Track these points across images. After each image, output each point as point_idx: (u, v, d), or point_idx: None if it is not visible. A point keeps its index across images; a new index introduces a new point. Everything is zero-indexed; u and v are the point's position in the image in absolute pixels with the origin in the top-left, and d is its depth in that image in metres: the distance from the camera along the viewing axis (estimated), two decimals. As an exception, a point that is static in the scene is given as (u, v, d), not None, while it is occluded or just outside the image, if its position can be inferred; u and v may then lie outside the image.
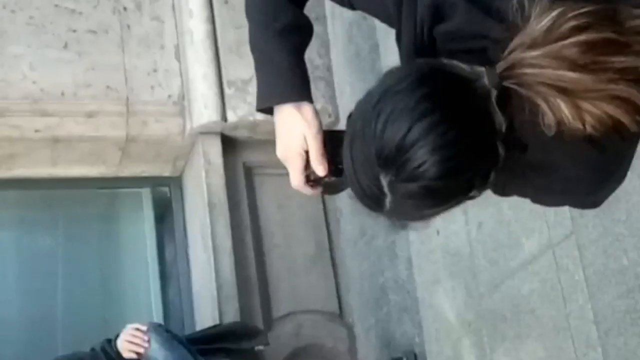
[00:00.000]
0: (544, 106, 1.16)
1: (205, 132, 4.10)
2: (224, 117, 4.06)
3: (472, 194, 1.24)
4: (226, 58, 4.14)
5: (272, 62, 1.45)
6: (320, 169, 1.39)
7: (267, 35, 1.46)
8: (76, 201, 4.46)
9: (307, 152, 1.40)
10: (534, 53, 1.16)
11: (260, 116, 4.03)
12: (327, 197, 4.21)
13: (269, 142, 4.53)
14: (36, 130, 3.94)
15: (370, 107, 1.21)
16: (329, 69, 4.14)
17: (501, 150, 1.21)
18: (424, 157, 1.16)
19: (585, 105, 1.15)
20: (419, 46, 1.31)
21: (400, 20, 1.33)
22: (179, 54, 4.18)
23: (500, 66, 1.19)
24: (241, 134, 4.18)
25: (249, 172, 4.25)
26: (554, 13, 1.16)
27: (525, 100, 1.18)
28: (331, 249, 4.22)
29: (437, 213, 1.26)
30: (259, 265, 4.09)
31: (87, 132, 4.01)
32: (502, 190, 1.37)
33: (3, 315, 4.17)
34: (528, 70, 1.16)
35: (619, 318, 2.38)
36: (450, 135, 1.17)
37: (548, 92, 1.15)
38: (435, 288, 3.24)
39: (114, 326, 3.65)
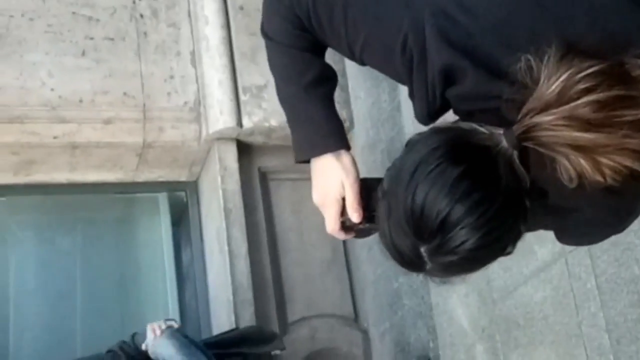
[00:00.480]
0: (565, 163, 1.19)
1: (220, 137, 4.14)
2: (240, 123, 4.10)
3: (507, 250, 1.28)
4: (241, 64, 4.18)
5: (307, 116, 1.49)
6: (355, 216, 1.42)
7: (297, 90, 1.50)
8: (94, 206, 4.50)
9: (343, 199, 1.43)
10: (548, 118, 1.18)
11: (275, 122, 4.11)
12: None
13: (284, 148, 4.62)
14: (54, 137, 3.98)
15: (405, 184, 1.24)
16: (343, 74, 4.16)
17: (528, 204, 1.25)
18: (466, 236, 1.20)
19: (604, 160, 1.17)
20: (431, 107, 1.35)
21: (412, 82, 1.35)
22: (194, 61, 4.22)
23: (517, 129, 1.21)
24: (256, 139, 4.21)
25: (264, 177, 4.29)
26: (564, 76, 1.17)
27: (545, 157, 1.21)
28: (346, 254, 4.25)
29: (476, 271, 1.29)
30: (275, 269, 4.12)
31: (105, 139, 4.06)
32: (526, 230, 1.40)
33: (23, 317, 4.23)
34: (545, 133, 1.19)
35: (630, 326, 2.40)
36: (491, 212, 1.20)
37: (567, 151, 1.18)
38: (449, 294, 3.26)
39: (131, 328, 3.69)
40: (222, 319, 4.04)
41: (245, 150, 4.23)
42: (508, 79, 1.23)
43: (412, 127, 3.51)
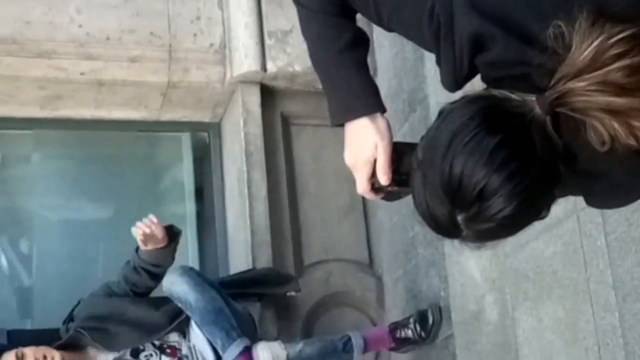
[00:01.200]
0: (598, 127, 1.20)
1: (244, 81, 4.17)
2: (264, 67, 4.13)
3: (542, 215, 1.31)
4: (268, 8, 4.19)
5: (342, 81, 1.51)
6: (384, 178, 1.46)
7: (331, 55, 1.52)
8: (118, 143, 4.56)
9: (374, 161, 1.47)
10: (582, 84, 1.19)
11: (299, 67, 4.14)
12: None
13: (307, 93, 4.64)
14: (81, 73, 4.03)
15: (441, 155, 1.25)
16: (368, 23, 4.16)
17: (561, 169, 1.27)
18: (504, 204, 1.22)
19: (637, 124, 1.19)
20: (458, 74, 1.36)
21: (439, 50, 1.37)
22: (221, 3, 4.23)
23: (550, 95, 1.23)
24: (280, 84, 4.24)
25: (286, 121, 4.32)
26: (596, 42, 1.18)
27: (579, 123, 1.23)
28: (364, 201, 4.28)
29: (511, 236, 1.32)
30: (293, 213, 4.18)
31: (130, 77, 4.10)
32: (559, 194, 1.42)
33: (45, 248, 4.32)
34: (578, 99, 1.20)
35: (636, 284, 2.44)
36: (527, 180, 1.23)
37: (601, 115, 1.19)
38: (463, 245, 3.30)
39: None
40: (240, 259, 4.12)
41: (268, 94, 4.26)
42: (538, 45, 1.25)
43: (434, 78, 3.52)
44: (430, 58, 3.55)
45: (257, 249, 4.01)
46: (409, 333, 3.62)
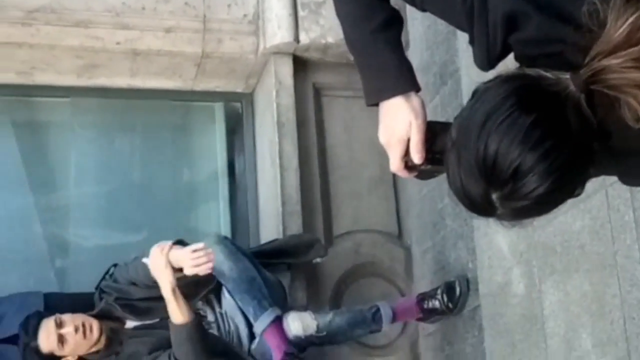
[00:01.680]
0: (633, 104, 1.21)
1: (277, 52, 4.20)
2: (297, 39, 4.15)
3: (577, 192, 1.32)
4: (301, -21, 4.21)
5: (376, 60, 1.52)
6: (417, 157, 1.47)
7: (365, 35, 1.53)
8: (153, 112, 4.62)
9: (408, 140, 1.48)
10: (617, 60, 1.20)
11: (331, 39, 4.16)
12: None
13: (339, 65, 4.65)
14: (117, 43, 4.08)
15: (476, 134, 1.26)
16: (402, -5, 4.17)
17: (596, 147, 1.28)
18: (538, 182, 1.23)
19: None
20: (492, 54, 1.37)
21: (472, 29, 1.38)
22: (255, -27, 4.25)
23: (585, 72, 1.24)
24: (312, 55, 4.27)
25: (318, 93, 4.35)
26: (631, 19, 1.19)
27: (613, 100, 1.23)
28: (394, 173, 4.30)
29: (546, 214, 1.33)
30: (323, 184, 4.22)
31: (165, 47, 4.14)
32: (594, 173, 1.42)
33: (82, 214, 4.40)
34: (613, 76, 1.21)
35: (663, 260, 2.46)
36: (562, 158, 1.23)
37: (636, 92, 1.20)
38: (497, 223, 3.31)
39: (183, 232, 3.83)
40: (270, 229, 4.17)
41: (301, 65, 4.29)
42: (573, 23, 1.25)
43: (466, 51, 3.52)
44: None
45: (288, 219, 4.05)
46: (437, 304, 3.66)
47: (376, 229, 4.23)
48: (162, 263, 3.24)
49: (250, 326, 3.44)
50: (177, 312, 3.26)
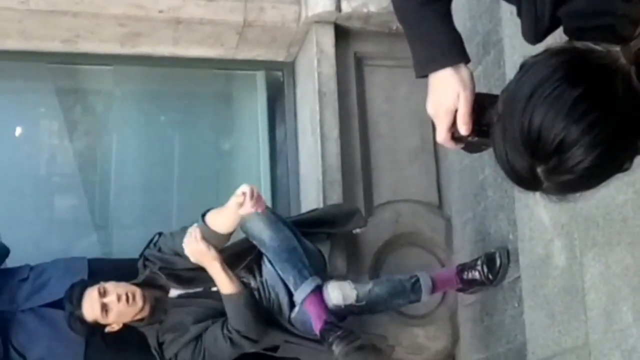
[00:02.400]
0: None
1: (319, 21, 4.20)
2: (339, 7, 4.14)
3: (625, 167, 1.30)
4: (344, -54, 4.18)
5: (426, 32, 1.52)
6: (464, 128, 1.47)
7: (415, 7, 1.53)
8: (194, 80, 4.65)
9: (456, 111, 1.47)
10: None
11: (373, 8, 4.14)
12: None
13: (381, 34, 4.63)
14: (160, 11, 4.11)
15: (521, 107, 1.26)
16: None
17: None
18: (583, 155, 1.22)
19: None
20: (540, 27, 1.36)
21: (520, 1, 1.38)
22: (298, -58, 4.24)
23: (635, 44, 1.22)
24: (354, 24, 4.25)
25: (359, 62, 4.34)
26: None
27: None
28: (435, 143, 4.27)
29: (592, 188, 1.32)
30: (364, 153, 4.22)
31: (207, 16, 4.16)
32: None
33: (123, 181, 4.46)
34: None
35: None
36: (607, 130, 1.22)
37: None
38: (544, 197, 3.30)
39: (224, 200, 3.86)
40: (311, 198, 4.19)
41: (342, 34, 4.28)
42: None
43: (510, 20, 3.50)
44: (506, 1, 3.53)
45: (328, 188, 4.07)
46: (476, 275, 3.66)
47: (416, 199, 4.23)
48: (201, 248, 3.34)
49: (290, 295, 3.47)
50: (229, 284, 3.37)
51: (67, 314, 3.43)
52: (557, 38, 1.37)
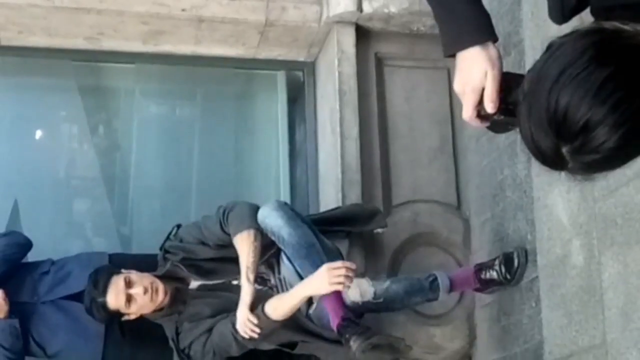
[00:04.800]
0: None
1: (340, 21, 4.22)
2: (360, 8, 4.16)
3: None
4: (366, -52, 4.21)
5: (454, 10, 1.53)
6: (490, 106, 1.47)
7: None
8: (215, 79, 4.69)
9: (483, 90, 1.48)
10: None
11: (394, 8, 4.16)
12: (454, 93, 4.29)
13: (402, 35, 4.63)
14: (182, 9, 4.14)
15: (548, 87, 1.26)
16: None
17: None
18: (608, 135, 1.22)
19: None
20: (567, 6, 1.37)
21: None
22: (322, -56, 4.26)
23: None
24: (375, 25, 4.27)
25: (380, 62, 4.35)
26: None
27: None
28: (454, 144, 4.30)
29: (617, 168, 1.31)
30: (383, 153, 4.23)
31: (229, 15, 4.19)
32: None
33: (143, 178, 4.50)
34: None
35: None
36: (632, 109, 1.22)
37: None
38: (551, 189, 3.31)
39: (242, 197, 3.89)
40: (329, 197, 4.21)
41: (363, 34, 4.30)
42: None
43: (530, 21, 3.51)
44: (527, 1, 3.53)
45: (347, 187, 4.08)
46: (494, 274, 3.66)
47: (435, 199, 4.24)
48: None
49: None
50: None
51: (89, 299, 3.43)
52: (583, 21, 1.37)
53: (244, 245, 3.42)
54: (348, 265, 3.27)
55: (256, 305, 3.33)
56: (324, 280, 3.21)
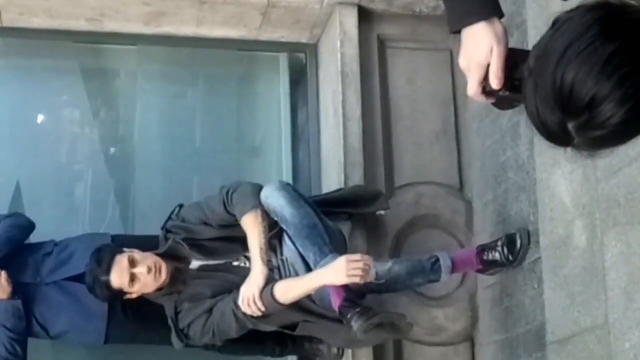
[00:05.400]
0: None
1: (342, 2, 4.21)
2: (380, -11, 4.15)
3: None
4: None
5: None
6: (496, 82, 1.47)
7: None
8: (217, 61, 4.67)
9: (488, 66, 1.47)
10: None
11: (397, -10, 4.14)
12: (456, 74, 4.28)
13: (404, 16, 4.62)
14: (184, -10, 4.13)
15: (554, 63, 1.25)
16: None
17: None
18: (613, 110, 1.21)
19: None
20: None
21: None
22: None
23: None
24: (377, 6, 4.26)
25: (382, 44, 4.34)
26: None
27: None
28: (456, 125, 4.29)
29: (624, 144, 1.31)
30: (386, 135, 4.23)
31: (231, -5, 4.18)
32: None
33: (145, 160, 4.49)
34: None
35: None
36: (638, 84, 1.21)
37: None
38: (554, 170, 3.30)
39: (247, 179, 3.88)
40: (332, 179, 4.21)
41: (365, 16, 4.29)
42: None
43: (533, 2, 3.50)
44: (530, -18, 3.52)
45: (350, 169, 4.08)
46: (497, 255, 3.66)
47: (437, 181, 4.24)
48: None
49: (310, 271, 3.48)
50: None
51: (92, 277, 3.42)
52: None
53: (253, 226, 3.42)
54: (366, 258, 3.26)
55: (263, 287, 3.33)
56: (342, 271, 3.20)
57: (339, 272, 3.21)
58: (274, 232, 3.55)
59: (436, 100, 4.30)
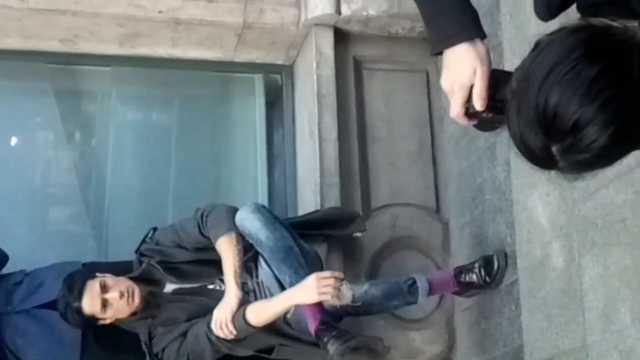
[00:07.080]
0: None
1: (319, 24, 4.20)
2: (338, 10, 4.14)
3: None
4: (344, -52, 4.19)
5: (442, 8, 1.51)
6: (480, 103, 1.46)
7: None
8: (192, 82, 4.64)
9: (471, 87, 1.46)
10: None
11: (373, 11, 4.15)
12: (432, 96, 4.29)
13: (380, 38, 4.62)
14: (159, 11, 4.10)
15: (537, 86, 1.24)
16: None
17: None
18: (598, 133, 1.20)
19: None
20: (553, 2, 1.36)
21: None
22: (299, -56, 4.24)
23: None
24: (353, 27, 4.26)
25: (358, 65, 4.34)
26: None
27: None
28: (433, 147, 4.29)
29: (609, 166, 1.30)
30: (362, 157, 4.21)
31: (207, 17, 4.15)
32: None
33: (119, 182, 4.43)
34: None
35: None
36: (622, 107, 1.20)
37: None
38: (531, 191, 3.30)
39: (222, 201, 3.84)
40: (308, 200, 4.18)
41: (341, 37, 4.28)
42: None
43: (509, 24, 3.50)
44: (505, 3, 3.52)
45: (326, 190, 4.06)
46: (474, 277, 3.65)
47: (414, 202, 4.22)
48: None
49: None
50: None
51: (64, 303, 3.38)
52: (570, 17, 1.35)
53: (228, 249, 3.39)
54: (337, 275, 3.25)
55: (237, 310, 3.30)
56: (313, 289, 3.19)
57: (309, 290, 3.19)
58: (250, 255, 3.52)
59: (413, 121, 4.30)
